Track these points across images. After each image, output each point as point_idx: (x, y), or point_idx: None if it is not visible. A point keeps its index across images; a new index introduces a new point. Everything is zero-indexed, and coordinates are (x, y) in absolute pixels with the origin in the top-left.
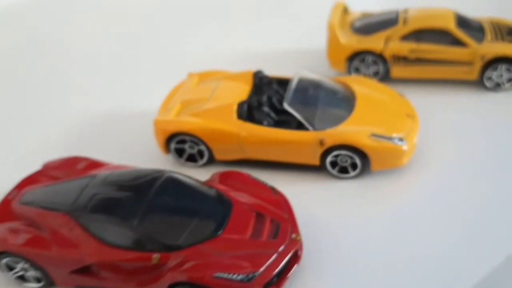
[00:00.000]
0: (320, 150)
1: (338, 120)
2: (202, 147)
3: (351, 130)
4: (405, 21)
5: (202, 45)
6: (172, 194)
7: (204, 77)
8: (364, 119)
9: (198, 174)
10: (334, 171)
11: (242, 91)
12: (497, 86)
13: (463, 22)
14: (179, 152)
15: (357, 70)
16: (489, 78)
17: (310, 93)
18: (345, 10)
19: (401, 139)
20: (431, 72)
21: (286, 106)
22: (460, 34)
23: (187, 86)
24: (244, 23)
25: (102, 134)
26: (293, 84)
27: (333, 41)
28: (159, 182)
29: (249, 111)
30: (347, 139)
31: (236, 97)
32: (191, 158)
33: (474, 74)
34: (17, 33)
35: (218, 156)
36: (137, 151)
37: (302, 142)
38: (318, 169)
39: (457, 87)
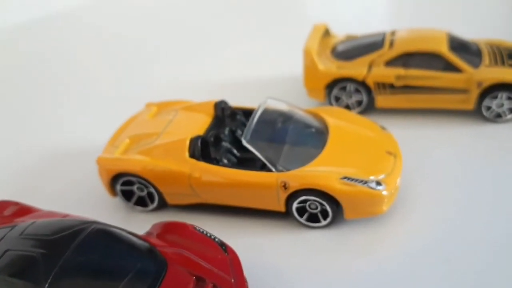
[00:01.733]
0: (284, 195)
1: (306, 160)
2: (152, 190)
3: (319, 171)
4: (391, 44)
5: (171, 73)
6: (94, 251)
7: (163, 107)
8: (335, 159)
9: (148, 221)
10: (302, 219)
11: (200, 124)
12: (498, 117)
13: (457, 44)
14: (128, 195)
15: (337, 100)
16: (488, 108)
17: (276, 127)
18: (327, 33)
19: (379, 183)
20: (421, 101)
21: (244, 142)
22: (454, 58)
23: (141, 118)
24: (216, 49)
25: (46, 174)
26: (255, 116)
27: (309, 68)
28: (81, 237)
29: (204, 148)
30: (313, 182)
31: (192, 132)
32: (141, 202)
33: (470, 104)
34: None
35: (169, 200)
36: (85, 193)
37: (263, 185)
38: (286, 215)
39: (451, 118)
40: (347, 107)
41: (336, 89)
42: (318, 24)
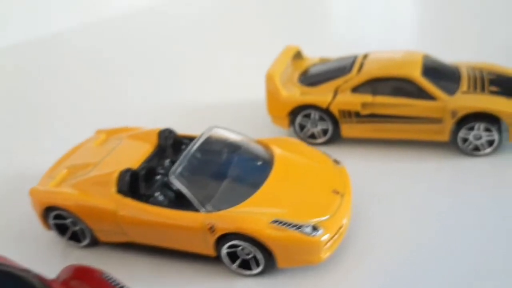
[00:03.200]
0: (212, 239)
1: (240, 198)
2: (83, 225)
3: (248, 213)
4: (360, 68)
5: (145, 99)
6: None
7: (112, 134)
8: (272, 198)
9: (85, 257)
10: (234, 267)
11: (140, 154)
12: (476, 150)
13: (432, 68)
14: (63, 228)
15: (302, 128)
16: (465, 140)
17: (218, 159)
18: (299, 55)
19: (315, 227)
20: (390, 131)
21: (171, 177)
22: (426, 83)
23: (87, 146)
24: (196, 73)
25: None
26: (192, 149)
27: (272, 93)
28: None
29: (134, 182)
30: (239, 226)
31: (127, 163)
32: (76, 237)
33: (445, 135)
34: None
35: (101, 237)
36: (28, 224)
37: (189, 226)
38: (219, 260)
39: (424, 150)
40: (313, 135)
41: (299, 116)
42: (289, 46)
